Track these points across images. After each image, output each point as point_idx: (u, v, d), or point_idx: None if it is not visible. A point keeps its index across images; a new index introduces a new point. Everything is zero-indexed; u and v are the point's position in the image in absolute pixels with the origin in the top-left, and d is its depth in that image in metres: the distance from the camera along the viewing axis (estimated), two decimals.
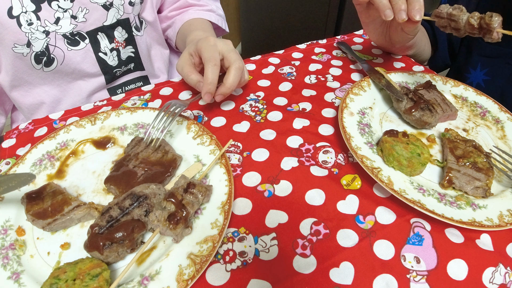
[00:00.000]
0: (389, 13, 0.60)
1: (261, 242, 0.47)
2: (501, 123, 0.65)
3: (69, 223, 0.49)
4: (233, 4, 2.52)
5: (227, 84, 0.62)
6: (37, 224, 0.47)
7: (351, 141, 0.57)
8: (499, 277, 0.44)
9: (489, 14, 0.54)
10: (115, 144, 0.61)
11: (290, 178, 0.55)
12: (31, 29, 0.69)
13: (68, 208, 0.49)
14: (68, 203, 0.49)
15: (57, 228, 0.48)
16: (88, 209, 0.49)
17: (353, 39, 0.93)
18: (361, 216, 0.50)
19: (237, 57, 0.64)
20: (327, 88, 0.74)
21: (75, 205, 0.49)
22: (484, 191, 0.52)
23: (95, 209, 0.50)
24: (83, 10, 0.73)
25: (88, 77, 0.81)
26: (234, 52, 0.64)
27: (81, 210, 0.49)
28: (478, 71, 0.85)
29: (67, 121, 0.68)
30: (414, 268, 0.45)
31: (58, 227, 0.48)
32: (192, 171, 0.54)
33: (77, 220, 0.49)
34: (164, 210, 0.46)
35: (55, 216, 0.48)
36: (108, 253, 0.43)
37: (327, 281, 0.43)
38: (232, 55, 0.63)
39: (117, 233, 0.44)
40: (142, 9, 0.85)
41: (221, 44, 0.64)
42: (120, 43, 0.82)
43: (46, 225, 0.47)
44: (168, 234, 0.45)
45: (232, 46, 0.66)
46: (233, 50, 0.65)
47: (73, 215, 0.48)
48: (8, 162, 0.60)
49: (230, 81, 0.62)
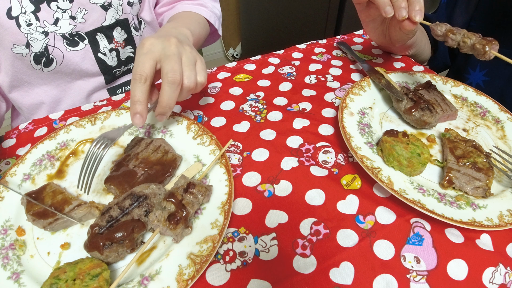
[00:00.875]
0: (389, 9, 0.60)
1: (261, 242, 0.47)
2: (501, 123, 0.65)
3: (69, 222, 0.49)
4: (233, 4, 2.52)
5: (162, 103, 0.52)
6: (38, 224, 0.47)
7: (351, 141, 0.57)
8: (499, 277, 0.44)
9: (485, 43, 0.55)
10: (115, 144, 0.61)
11: (290, 178, 0.55)
12: (30, 30, 0.69)
13: (69, 208, 0.49)
14: (68, 203, 0.49)
15: (58, 227, 0.48)
16: (89, 208, 0.49)
17: (353, 39, 0.94)
18: (361, 216, 0.50)
19: (170, 68, 0.51)
20: (327, 88, 0.74)
21: (76, 204, 0.49)
22: (484, 191, 0.52)
23: (96, 208, 0.50)
24: (82, 11, 0.73)
25: (88, 77, 0.81)
26: (170, 60, 0.52)
27: (82, 209, 0.49)
28: (478, 72, 0.85)
29: (67, 121, 0.68)
30: (414, 268, 0.45)
31: (59, 227, 0.48)
32: (192, 171, 0.54)
33: (78, 220, 0.49)
34: (164, 210, 0.46)
35: (56, 216, 0.48)
36: (108, 253, 0.43)
37: (327, 281, 0.43)
38: (166, 65, 0.51)
39: (117, 233, 0.44)
40: (141, 9, 0.85)
41: (158, 49, 0.52)
42: (119, 44, 0.82)
43: (47, 225, 0.47)
44: (168, 234, 0.45)
45: (173, 49, 0.53)
46: (169, 57, 0.52)
47: (74, 214, 0.48)
48: (8, 162, 0.60)
49: (164, 100, 0.52)
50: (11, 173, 0.55)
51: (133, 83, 0.51)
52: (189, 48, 0.57)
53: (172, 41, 0.54)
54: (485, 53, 0.55)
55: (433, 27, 0.61)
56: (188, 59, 0.55)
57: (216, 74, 0.80)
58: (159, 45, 0.53)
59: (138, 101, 0.51)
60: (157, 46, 0.53)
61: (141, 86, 0.51)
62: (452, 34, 0.58)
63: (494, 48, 0.55)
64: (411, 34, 0.69)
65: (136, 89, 0.50)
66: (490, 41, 0.55)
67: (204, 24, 0.88)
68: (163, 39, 0.54)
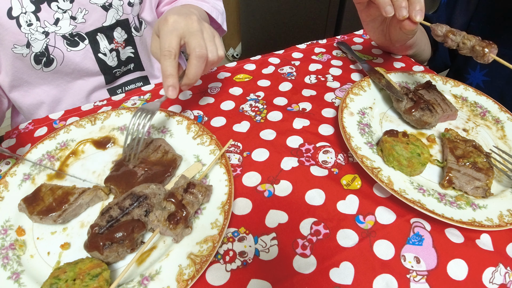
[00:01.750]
0: (389, 9, 0.60)
1: (261, 242, 0.47)
2: (501, 123, 0.65)
3: (78, 209, 0.50)
4: (233, 4, 2.52)
5: (190, 75, 0.57)
6: (47, 220, 0.48)
7: (351, 141, 0.57)
8: (499, 277, 0.44)
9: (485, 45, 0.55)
10: (115, 144, 0.61)
11: (290, 178, 0.55)
12: (31, 30, 0.69)
13: (74, 197, 0.50)
14: (71, 193, 0.50)
15: (69, 217, 0.49)
16: (95, 191, 0.50)
17: (353, 39, 0.93)
18: (361, 216, 0.50)
19: (197, 43, 0.55)
20: (327, 88, 0.74)
21: (80, 192, 0.50)
22: (484, 191, 0.52)
23: (101, 190, 0.51)
24: (83, 11, 0.73)
25: (88, 77, 0.81)
26: (195, 36, 0.56)
27: (88, 194, 0.50)
28: (478, 72, 0.85)
29: (67, 121, 0.68)
30: (414, 268, 0.45)
31: (69, 217, 0.49)
32: (192, 171, 0.54)
33: (86, 205, 0.50)
34: (164, 210, 0.46)
35: (63, 207, 0.48)
36: (108, 253, 0.43)
37: (327, 281, 0.43)
38: (192, 41, 0.55)
39: (117, 233, 0.44)
40: (141, 9, 0.85)
41: (182, 26, 0.56)
42: (120, 44, 0.82)
43: (57, 218, 0.48)
44: (168, 234, 0.45)
45: (195, 26, 0.57)
46: (194, 33, 0.56)
47: (81, 200, 0.49)
48: (8, 162, 0.60)
49: (192, 72, 0.56)
50: (11, 173, 0.55)
51: (163, 60, 0.55)
52: (207, 24, 0.60)
53: (193, 18, 0.57)
54: (484, 55, 0.55)
55: (433, 27, 0.61)
56: (208, 34, 0.58)
57: (216, 74, 0.80)
58: (182, 22, 0.56)
59: (170, 75, 0.55)
60: (180, 23, 0.56)
61: (171, 62, 0.55)
62: (452, 35, 0.58)
63: (493, 51, 0.55)
64: (411, 34, 0.69)
65: (168, 65, 0.55)
66: (489, 44, 0.55)
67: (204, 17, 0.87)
68: (184, 16, 0.57)
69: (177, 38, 0.55)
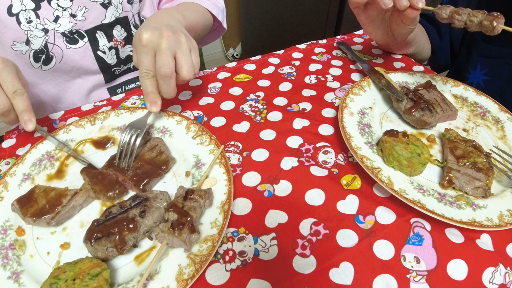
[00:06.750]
0: (388, 1, 0.60)
1: (261, 242, 0.47)
2: (501, 123, 0.65)
3: (72, 211, 0.50)
4: (233, 4, 2.52)
5: (163, 94, 0.59)
6: (41, 222, 0.47)
7: (351, 141, 0.57)
8: (499, 277, 0.44)
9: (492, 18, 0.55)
10: (115, 144, 0.61)
11: (290, 178, 0.55)
12: (30, 27, 0.69)
13: (67, 199, 0.49)
14: (64, 195, 0.50)
15: (62, 219, 0.49)
16: (87, 192, 0.51)
17: (353, 39, 0.93)
18: (361, 216, 0.50)
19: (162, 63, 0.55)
20: (327, 88, 0.74)
21: (72, 193, 0.50)
22: (484, 191, 0.52)
23: (92, 189, 0.51)
24: (82, 9, 0.73)
25: (87, 75, 0.81)
26: (161, 55, 0.55)
27: (81, 196, 0.50)
28: (478, 72, 0.85)
29: (67, 121, 0.68)
30: (414, 268, 0.45)
31: (63, 219, 0.49)
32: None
33: (80, 206, 0.51)
34: (167, 221, 0.46)
35: (56, 210, 0.48)
36: (97, 246, 0.43)
37: (327, 281, 0.43)
38: (158, 61, 0.55)
39: (108, 228, 0.44)
40: (142, 7, 0.85)
41: (153, 46, 0.56)
42: (119, 42, 0.82)
43: (51, 220, 0.48)
44: (177, 245, 0.44)
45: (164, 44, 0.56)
46: (162, 52, 0.55)
47: (74, 202, 0.49)
48: (8, 162, 0.59)
49: (163, 91, 0.58)
50: (11, 173, 0.55)
51: (142, 79, 0.57)
52: (184, 36, 0.59)
53: (164, 34, 0.57)
54: (493, 28, 0.55)
55: (437, 11, 0.60)
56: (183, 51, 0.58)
57: (216, 74, 0.80)
58: (155, 39, 0.56)
59: (151, 92, 0.58)
60: (153, 41, 0.56)
61: (150, 80, 0.57)
62: (457, 15, 0.58)
63: (501, 22, 0.55)
64: (413, 24, 0.69)
65: (147, 84, 0.58)
66: (496, 16, 0.55)
67: (203, 12, 0.87)
68: (157, 33, 0.57)
69: (151, 58, 0.57)
